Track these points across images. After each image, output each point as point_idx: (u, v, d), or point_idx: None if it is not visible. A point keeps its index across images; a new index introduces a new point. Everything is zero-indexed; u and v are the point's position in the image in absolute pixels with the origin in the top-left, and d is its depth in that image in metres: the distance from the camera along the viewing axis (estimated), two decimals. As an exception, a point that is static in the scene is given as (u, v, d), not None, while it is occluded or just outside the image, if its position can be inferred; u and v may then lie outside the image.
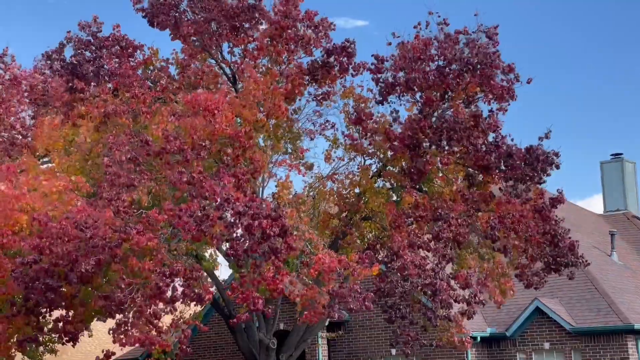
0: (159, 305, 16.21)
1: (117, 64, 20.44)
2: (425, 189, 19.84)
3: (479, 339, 26.88)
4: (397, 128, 19.01)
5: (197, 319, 21.95)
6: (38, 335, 17.98)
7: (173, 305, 16.32)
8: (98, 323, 20.14)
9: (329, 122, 21.74)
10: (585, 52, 79.51)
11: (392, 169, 19.98)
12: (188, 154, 16.61)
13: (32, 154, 21.57)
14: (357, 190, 20.66)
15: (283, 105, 18.79)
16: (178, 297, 16.01)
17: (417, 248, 18.45)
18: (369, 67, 19.51)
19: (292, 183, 19.41)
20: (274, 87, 18.72)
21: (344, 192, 20.90)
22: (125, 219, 15.96)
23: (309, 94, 20.85)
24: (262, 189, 20.91)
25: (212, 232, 15.35)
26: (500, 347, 27.34)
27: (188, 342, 17.25)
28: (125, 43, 20.96)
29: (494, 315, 27.57)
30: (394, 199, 20.11)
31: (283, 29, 19.57)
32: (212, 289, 22.70)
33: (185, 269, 16.06)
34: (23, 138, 23.30)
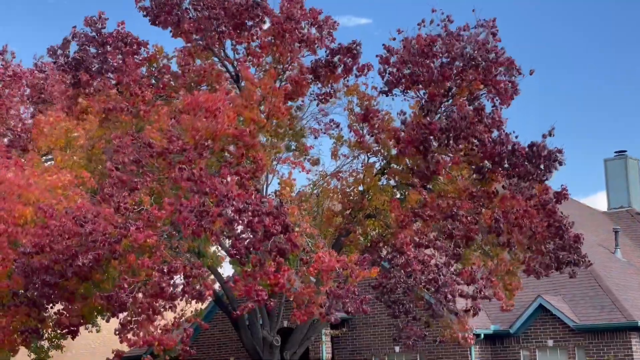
0: (159, 303, 16.19)
1: (120, 60, 20.45)
2: (430, 187, 19.84)
3: (483, 336, 26.89)
4: (403, 128, 18.99)
5: (198, 317, 22.01)
6: (39, 327, 18.01)
7: (173, 303, 16.29)
8: (103, 320, 20.21)
9: (334, 121, 21.77)
10: (587, 52, 79.36)
11: (396, 167, 19.96)
12: (190, 154, 16.62)
13: (36, 152, 21.65)
14: (360, 188, 20.67)
15: (283, 107, 18.78)
16: (178, 294, 16.00)
17: (425, 247, 18.45)
18: (372, 68, 19.52)
19: (295, 181, 19.45)
20: (273, 87, 18.71)
21: (348, 189, 20.91)
22: (126, 215, 15.96)
23: (312, 93, 20.84)
24: (265, 187, 20.94)
25: (212, 228, 15.36)
26: (504, 344, 27.34)
27: (190, 340, 17.27)
28: (130, 39, 20.98)
29: (498, 313, 27.55)
30: (398, 197, 20.12)
31: (285, 31, 19.55)
32: (215, 285, 22.91)
33: (185, 266, 16.06)
34: (24, 140, 23.36)
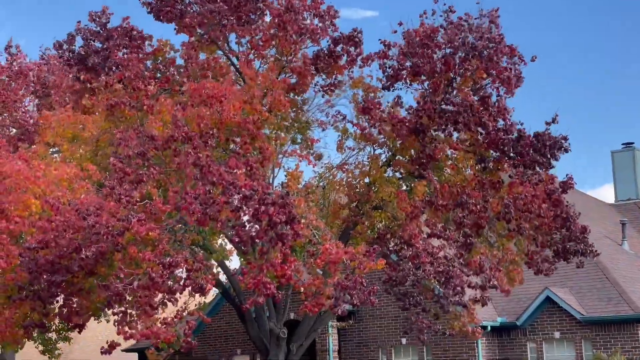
0: (158, 296, 16.12)
1: (124, 55, 20.45)
2: (436, 179, 19.80)
3: (490, 329, 26.88)
4: (402, 112, 18.99)
5: (201, 310, 22.02)
6: (44, 321, 18.04)
7: (174, 296, 16.24)
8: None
9: (340, 113, 21.75)
10: (595, 44, 79.17)
11: (401, 159, 19.94)
12: (195, 142, 16.60)
13: (43, 144, 21.69)
14: (366, 180, 20.65)
15: (284, 99, 18.75)
16: (177, 288, 15.95)
17: (437, 237, 18.42)
18: (375, 55, 19.45)
19: (302, 173, 19.41)
20: (273, 80, 18.69)
21: (354, 182, 20.89)
22: (129, 208, 15.94)
23: (316, 85, 20.80)
24: (272, 179, 20.93)
25: (218, 216, 15.34)
26: (511, 336, 27.33)
27: (196, 333, 17.24)
28: (136, 32, 20.98)
29: (505, 305, 27.56)
30: (404, 189, 20.10)
31: (285, 23, 19.54)
32: (222, 278, 22.93)
33: (187, 260, 16.03)
34: (30, 133, 23.41)
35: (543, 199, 18.16)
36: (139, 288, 15.49)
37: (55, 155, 21.64)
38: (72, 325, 18.32)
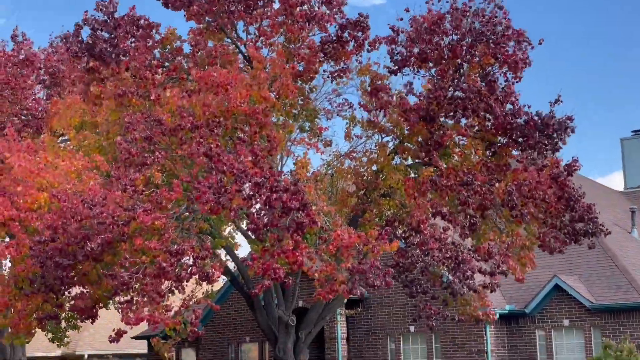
0: (165, 284, 16.15)
1: (131, 44, 20.43)
2: (444, 166, 19.76)
3: (498, 316, 26.87)
4: (412, 100, 18.94)
5: (209, 298, 22.05)
6: (58, 313, 18.12)
7: (181, 284, 16.25)
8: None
9: (347, 101, 21.72)
10: (603, 31, 78.75)
11: (409, 145, 19.91)
12: (202, 130, 16.59)
13: (51, 134, 21.73)
14: (374, 168, 20.63)
15: (292, 85, 18.72)
16: (185, 275, 15.96)
17: (441, 218, 18.35)
18: (382, 39, 19.38)
19: (310, 161, 19.40)
20: (282, 65, 18.65)
21: (362, 169, 20.88)
22: (135, 197, 15.93)
23: (324, 72, 20.79)
24: (280, 168, 20.93)
25: (230, 205, 15.34)
26: (519, 324, 27.33)
27: (205, 321, 17.27)
28: (143, 21, 20.95)
29: (513, 293, 27.54)
30: (412, 176, 20.07)
31: (292, 7, 19.49)
32: (231, 266, 22.97)
33: (193, 248, 16.04)
34: (39, 119, 23.44)
35: (549, 185, 18.06)
36: (146, 276, 15.52)
37: (62, 145, 21.67)
38: (85, 316, 18.39)
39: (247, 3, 20.02)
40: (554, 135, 17.77)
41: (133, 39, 20.63)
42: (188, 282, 16.38)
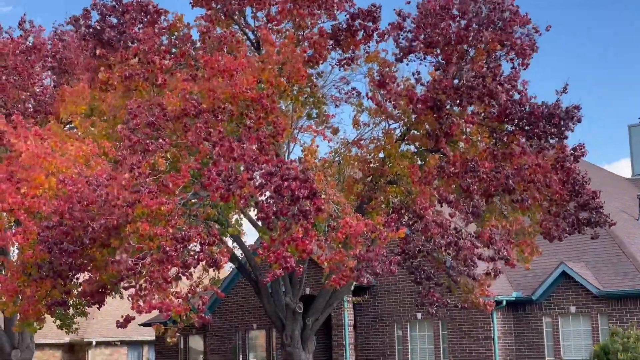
0: (171, 270, 16.15)
1: (139, 30, 20.42)
2: (452, 153, 19.75)
3: (505, 303, 26.92)
4: (419, 89, 18.90)
5: (215, 285, 22.06)
6: (66, 299, 18.17)
7: (188, 271, 16.27)
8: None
9: (355, 89, 21.71)
10: (610, 19, 78.43)
11: (416, 133, 19.91)
12: (205, 115, 16.57)
13: (57, 121, 21.72)
14: (381, 155, 20.64)
15: (302, 69, 18.69)
16: (191, 262, 15.97)
17: (447, 203, 18.35)
18: (390, 27, 19.33)
19: (318, 147, 19.41)
20: (292, 49, 18.62)
21: (369, 157, 20.89)
22: (141, 180, 15.86)
23: (332, 59, 20.76)
24: (287, 155, 20.94)
25: (241, 193, 15.34)
26: (526, 311, 27.36)
27: (212, 308, 17.30)
28: (151, 7, 20.94)
29: (520, 280, 27.57)
30: (419, 163, 20.07)
31: None
32: (238, 253, 23.02)
33: (200, 234, 16.05)
34: (47, 105, 23.44)
35: (548, 168, 18.02)
36: (153, 262, 15.52)
37: (70, 131, 21.69)
38: (92, 302, 18.44)
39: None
40: (561, 124, 17.73)
41: (141, 25, 20.63)
42: (195, 268, 16.38)
